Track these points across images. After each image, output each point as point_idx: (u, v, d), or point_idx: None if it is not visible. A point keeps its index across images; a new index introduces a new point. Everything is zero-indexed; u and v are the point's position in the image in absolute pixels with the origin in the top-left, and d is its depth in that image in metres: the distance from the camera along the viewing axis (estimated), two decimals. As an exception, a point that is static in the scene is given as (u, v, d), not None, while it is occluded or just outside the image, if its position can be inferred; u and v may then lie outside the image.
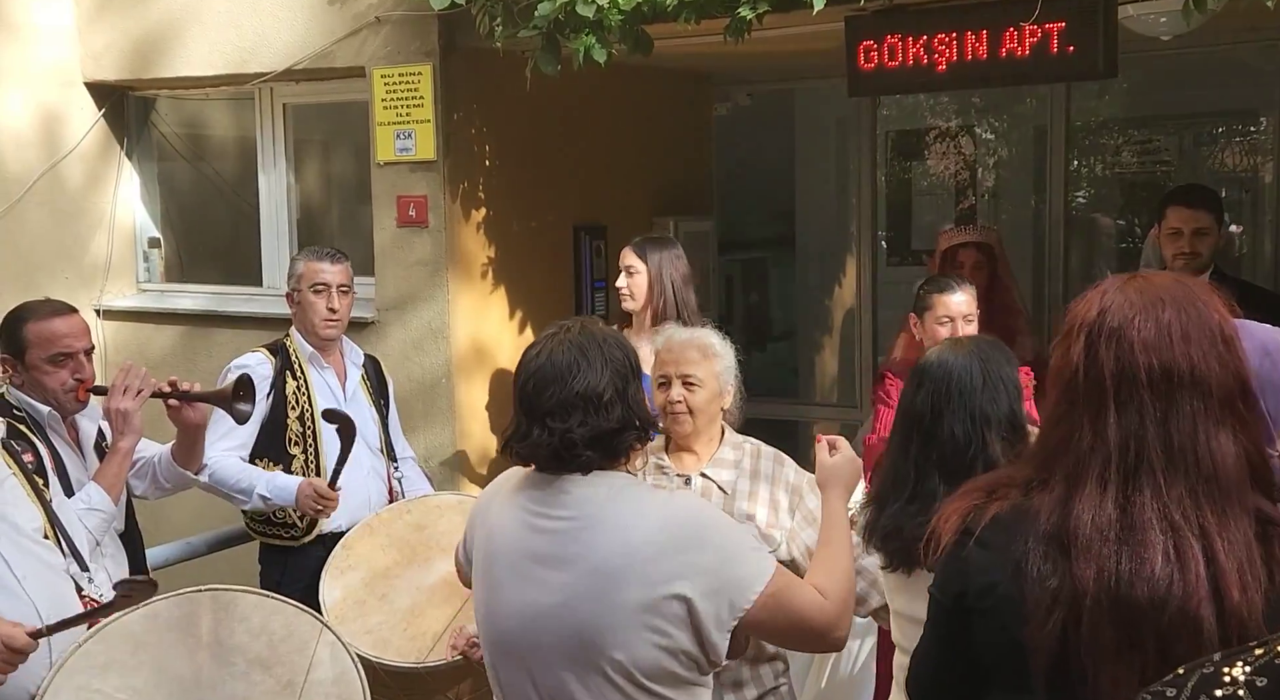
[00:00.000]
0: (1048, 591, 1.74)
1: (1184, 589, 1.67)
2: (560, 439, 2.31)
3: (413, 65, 5.06)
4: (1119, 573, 1.71)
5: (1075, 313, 1.85)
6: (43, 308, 3.47)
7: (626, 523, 2.31)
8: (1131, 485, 1.74)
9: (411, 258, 5.16)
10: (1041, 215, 6.39)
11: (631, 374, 2.38)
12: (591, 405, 2.31)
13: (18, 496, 2.88)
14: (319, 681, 2.80)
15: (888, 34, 4.19)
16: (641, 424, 2.38)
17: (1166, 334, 1.76)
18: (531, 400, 2.35)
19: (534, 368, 2.37)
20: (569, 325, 2.44)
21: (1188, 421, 1.74)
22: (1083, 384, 1.79)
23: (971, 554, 1.85)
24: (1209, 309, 1.79)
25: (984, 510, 1.85)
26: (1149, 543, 1.70)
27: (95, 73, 5.99)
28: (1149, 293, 1.80)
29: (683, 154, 6.36)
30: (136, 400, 3.39)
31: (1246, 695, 1.27)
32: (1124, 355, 1.76)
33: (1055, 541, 1.76)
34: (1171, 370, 1.74)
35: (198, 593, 2.87)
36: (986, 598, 1.82)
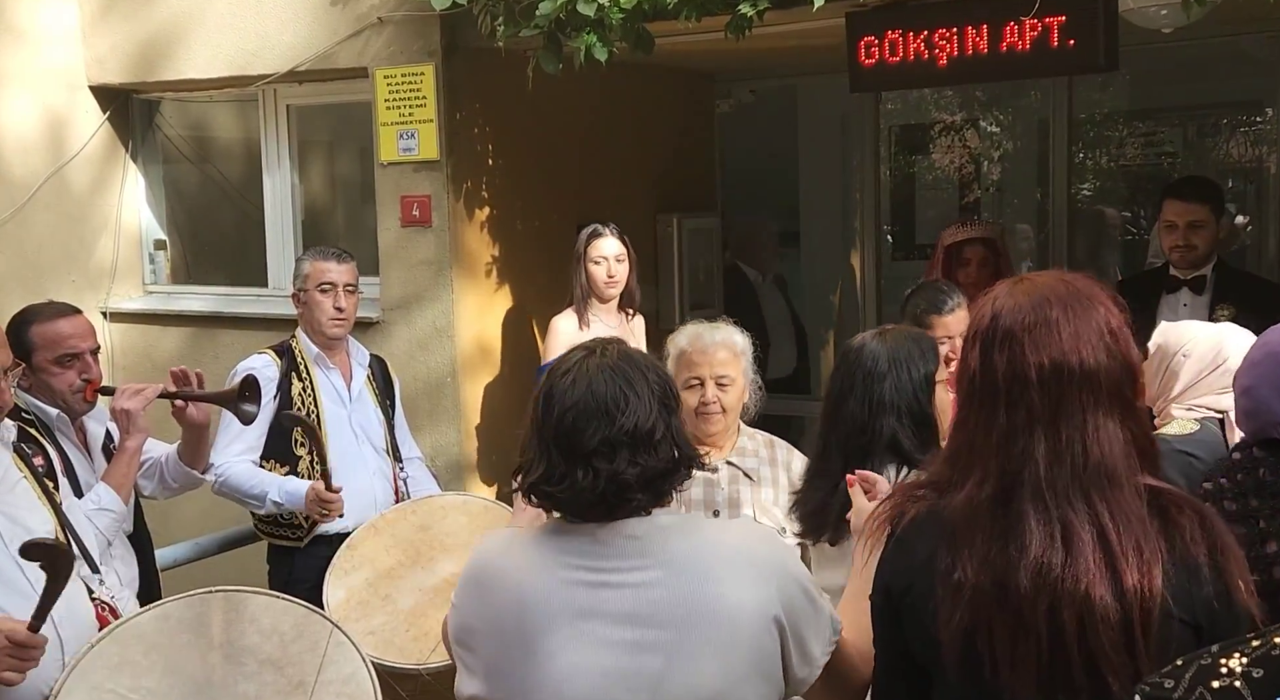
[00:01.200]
0: (950, 586, 1.81)
1: (1073, 574, 1.73)
2: (610, 482, 2.01)
3: (415, 65, 5.08)
4: (1005, 562, 1.77)
5: (972, 320, 1.93)
6: (47, 310, 3.48)
7: (711, 562, 2.03)
8: (1013, 481, 1.80)
9: (416, 257, 5.17)
10: (1046, 208, 6.39)
11: (675, 404, 2.12)
12: (642, 444, 2.02)
13: (29, 500, 2.89)
14: (330, 681, 2.81)
15: (888, 29, 4.20)
16: (688, 461, 2.12)
17: (1056, 332, 1.81)
18: (570, 438, 2.03)
19: (571, 400, 2.05)
20: (603, 347, 2.14)
21: (1077, 414, 1.79)
22: (979, 387, 1.86)
23: (893, 554, 1.95)
24: (1095, 302, 1.84)
25: (905, 512, 1.93)
26: (1027, 532, 1.77)
27: (100, 76, 6.00)
28: (1036, 293, 1.86)
29: (686, 151, 6.37)
30: (140, 399, 3.41)
31: (1243, 686, 1.28)
32: (1015, 357, 1.82)
33: (952, 539, 1.83)
34: (1062, 367, 1.80)
35: (209, 594, 2.89)
36: (907, 596, 1.89)
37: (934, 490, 1.92)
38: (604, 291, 4.84)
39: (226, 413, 3.78)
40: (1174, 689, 1.32)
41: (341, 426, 4.23)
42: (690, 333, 3.43)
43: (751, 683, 2.01)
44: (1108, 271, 6.81)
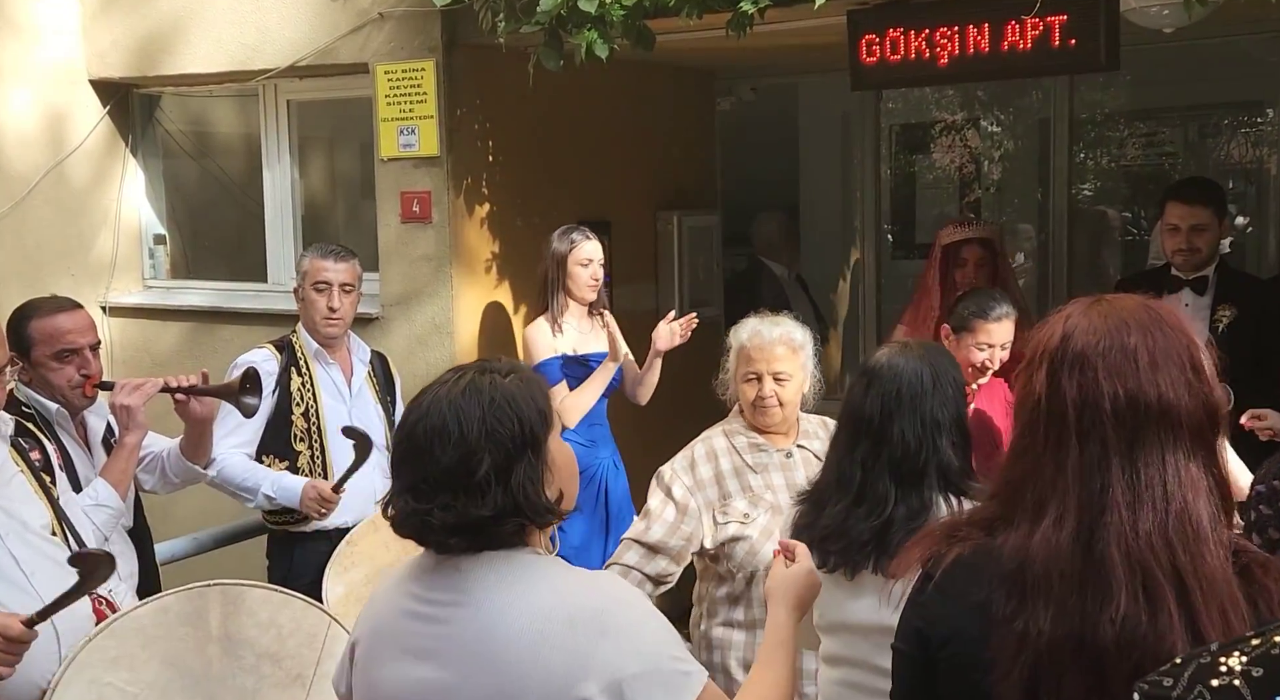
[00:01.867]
0: (1013, 635, 1.65)
1: (1154, 631, 1.58)
2: (420, 521, 1.91)
3: (416, 61, 5.07)
4: (1083, 614, 1.62)
5: (1038, 339, 1.76)
6: (46, 304, 3.48)
7: (522, 610, 1.88)
8: (1094, 522, 1.64)
9: (415, 253, 5.17)
10: (1046, 208, 6.39)
11: (523, 448, 1.91)
12: (460, 487, 1.88)
13: (25, 494, 2.89)
14: (328, 674, 2.80)
15: (889, 28, 4.19)
16: (524, 513, 1.91)
17: (1133, 360, 1.66)
18: (398, 466, 1.96)
19: (407, 427, 1.95)
20: (463, 373, 1.99)
21: (1155, 454, 1.64)
22: (1045, 415, 1.70)
23: (931, 600, 1.76)
24: (1177, 334, 1.70)
25: (945, 554, 1.75)
26: (1112, 582, 1.61)
27: (100, 70, 6.00)
28: (1114, 317, 1.70)
29: (686, 149, 6.37)
30: (139, 394, 3.41)
31: (1243, 685, 1.28)
32: (1087, 384, 1.67)
33: (1018, 583, 1.66)
34: (1138, 399, 1.65)
35: (207, 587, 2.89)
36: (949, 645, 1.73)
37: (981, 529, 1.75)
38: (587, 295, 4.84)
39: (224, 405, 3.78)
40: (1173, 687, 1.31)
41: (341, 422, 4.21)
42: (750, 328, 3.49)
43: None
44: (1107, 272, 6.81)
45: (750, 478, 3.42)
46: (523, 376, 2.02)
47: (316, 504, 4.01)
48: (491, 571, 1.92)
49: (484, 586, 1.91)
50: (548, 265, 4.83)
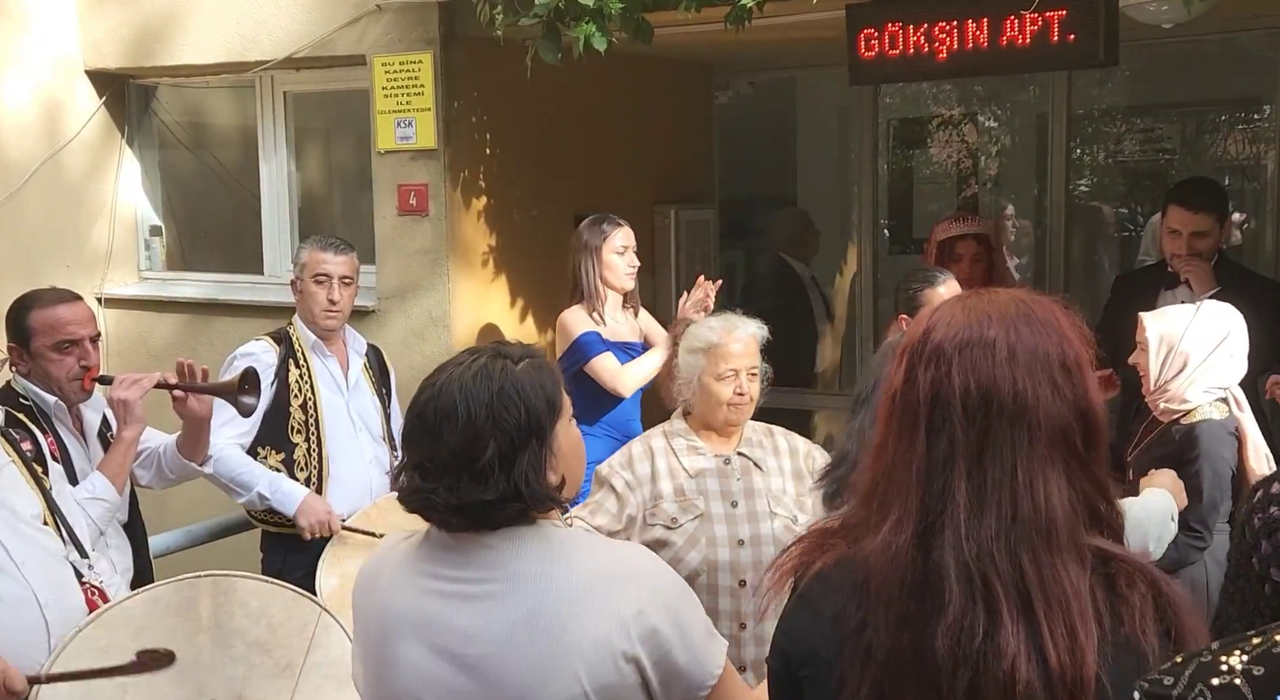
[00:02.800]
0: (860, 647, 1.54)
1: (994, 648, 1.48)
2: (424, 499, 1.95)
3: (413, 53, 5.07)
4: (917, 623, 1.51)
5: (906, 333, 1.69)
6: (47, 295, 3.46)
7: (561, 577, 1.92)
8: (933, 524, 1.53)
9: (412, 246, 5.16)
10: (1043, 204, 6.39)
11: (528, 436, 1.94)
12: (465, 470, 1.91)
13: (17, 483, 2.89)
14: (318, 664, 2.81)
15: (888, 22, 4.19)
16: (527, 499, 1.94)
17: (990, 354, 1.55)
18: (407, 444, 2.02)
19: (420, 405, 1.99)
20: (477, 356, 2.01)
21: (1006, 457, 1.53)
22: (899, 409, 1.60)
23: (793, 614, 1.67)
24: (1048, 330, 1.58)
25: (810, 565, 1.65)
26: (946, 591, 1.50)
27: (96, 61, 5.99)
28: (979, 310, 1.60)
29: (684, 142, 6.36)
30: (137, 389, 3.39)
31: (1243, 683, 1.27)
32: (940, 377, 1.56)
33: (865, 589, 1.56)
34: (990, 395, 1.54)
35: (198, 578, 2.89)
36: (808, 665, 1.62)
37: (844, 537, 1.64)
38: (626, 282, 4.71)
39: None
40: (1173, 686, 1.30)
41: (339, 414, 4.23)
42: (721, 325, 3.45)
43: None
44: (1104, 267, 6.81)
45: (684, 482, 3.37)
46: (536, 363, 2.03)
47: (319, 527, 3.98)
48: (524, 545, 1.95)
49: (513, 557, 1.94)
50: (579, 259, 4.68)
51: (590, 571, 1.93)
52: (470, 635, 1.93)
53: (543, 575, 1.92)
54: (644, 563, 2.00)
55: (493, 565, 1.94)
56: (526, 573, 1.93)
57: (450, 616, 1.95)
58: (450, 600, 1.96)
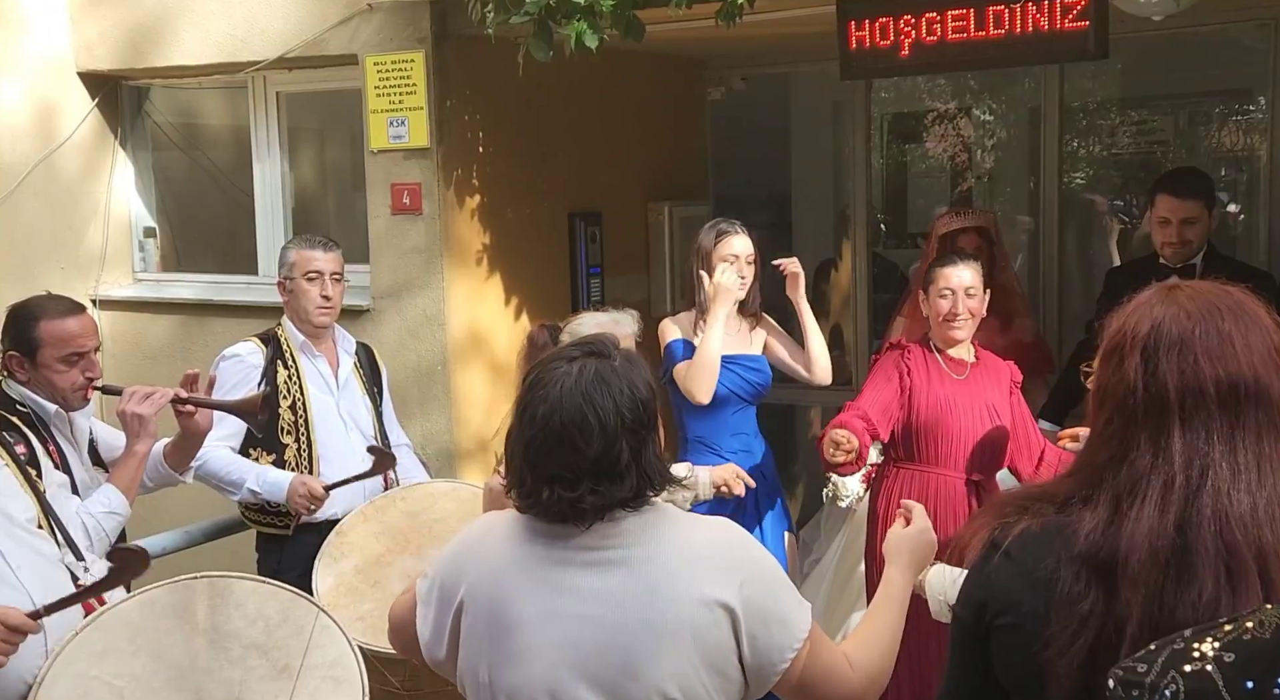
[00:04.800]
0: (1076, 615, 1.64)
1: (1234, 612, 1.54)
2: (570, 507, 2.04)
3: (405, 52, 5.06)
4: (1163, 597, 1.61)
5: (1121, 328, 1.75)
6: (54, 306, 3.43)
7: (673, 552, 2.06)
8: (1191, 506, 1.63)
9: (406, 245, 5.16)
10: (1037, 197, 6.39)
11: (648, 427, 2.07)
12: (605, 474, 2.02)
13: (10, 487, 2.89)
14: (315, 666, 2.82)
15: (879, 16, 4.19)
16: (656, 486, 2.09)
17: (1230, 345, 1.67)
18: (536, 460, 2.06)
19: (541, 420, 2.05)
20: (582, 359, 2.09)
21: (1253, 436, 1.65)
22: (1142, 400, 1.69)
23: (996, 569, 1.76)
24: (1261, 318, 1.71)
25: (1014, 525, 1.75)
26: (1201, 565, 1.61)
27: (88, 62, 5.98)
28: (1201, 302, 1.71)
29: (677, 139, 6.36)
30: (152, 405, 3.39)
31: (1214, 670, 1.29)
32: (1188, 368, 1.67)
33: (1093, 563, 1.65)
34: (1238, 383, 1.66)
35: (194, 580, 2.89)
36: (1008, 614, 1.73)
37: (1052, 504, 1.75)
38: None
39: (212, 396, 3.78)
40: (1147, 673, 1.33)
41: (329, 414, 4.22)
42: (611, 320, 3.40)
43: (698, 673, 2.01)
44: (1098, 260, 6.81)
45: None
46: (628, 356, 2.14)
47: (305, 500, 4.00)
48: (644, 518, 2.08)
49: (634, 530, 2.07)
50: (693, 261, 4.44)
51: (698, 542, 2.07)
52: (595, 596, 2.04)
53: (659, 544, 2.05)
54: (743, 535, 2.16)
55: (615, 535, 2.06)
56: (646, 540, 2.06)
57: (575, 580, 2.06)
58: (570, 568, 2.06)
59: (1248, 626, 1.32)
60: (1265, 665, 1.29)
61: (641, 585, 2.03)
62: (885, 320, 6.32)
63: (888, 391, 4.15)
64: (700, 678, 2.01)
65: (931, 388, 4.15)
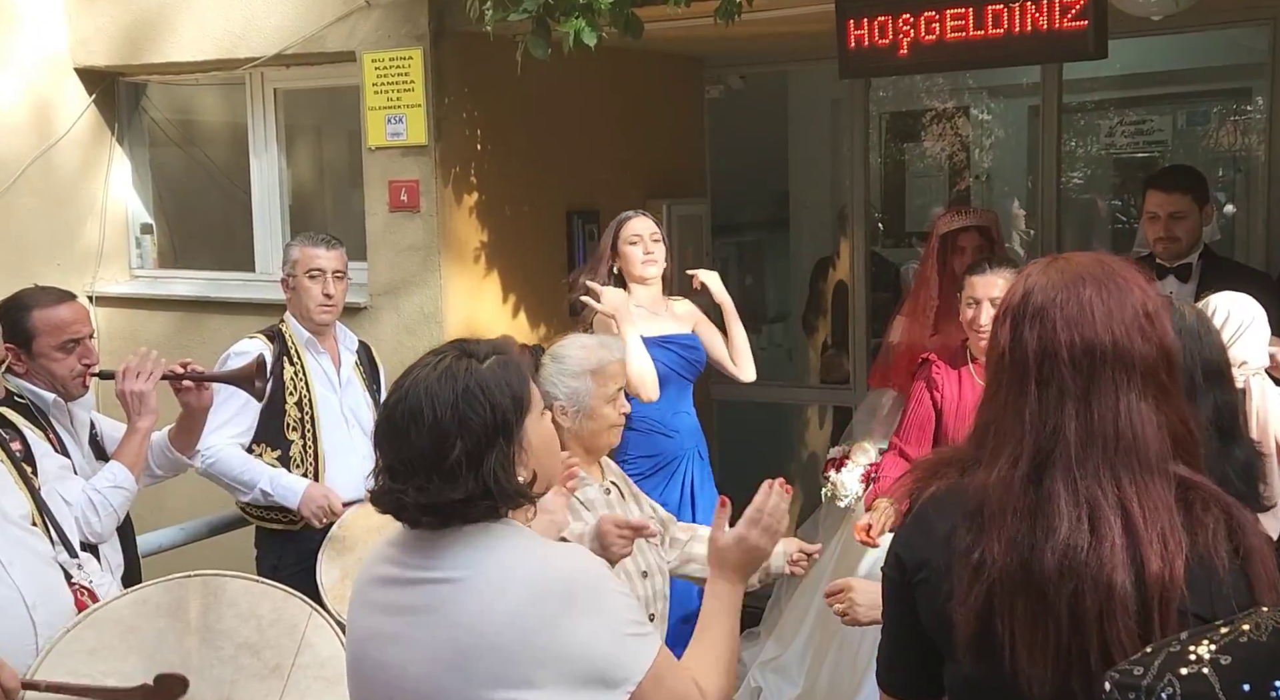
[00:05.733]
0: (969, 565, 1.78)
1: (1097, 558, 1.70)
2: (395, 500, 2.01)
3: (403, 49, 5.05)
4: (1029, 543, 1.74)
5: (1005, 296, 1.90)
6: (44, 296, 3.47)
7: (493, 578, 1.96)
8: (1045, 461, 1.77)
9: (404, 242, 5.15)
10: (1035, 196, 6.38)
11: (494, 434, 1.98)
12: (434, 470, 1.95)
13: (5, 484, 2.89)
14: (306, 665, 2.80)
15: (878, 15, 4.17)
16: (496, 497, 1.98)
17: (1089, 311, 1.79)
18: (378, 445, 2.05)
19: (388, 408, 2.03)
20: (442, 356, 2.05)
21: (1110, 396, 1.77)
22: (1008, 364, 1.83)
23: (910, 529, 1.93)
24: (1130, 285, 1.82)
25: (926, 488, 1.91)
26: (1056, 513, 1.73)
27: (85, 58, 5.97)
28: (1069, 272, 1.84)
29: (675, 137, 6.35)
30: (149, 380, 3.43)
31: (1211, 673, 1.29)
32: (1046, 334, 1.80)
33: (976, 517, 1.80)
34: (1094, 346, 1.77)
35: (187, 578, 2.88)
36: (921, 570, 1.87)
37: (956, 468, 1.89)
38: (643, 271, 4.54)
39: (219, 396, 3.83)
40: (1143, 676, 1.33)
41: (332, 411, 4.24)
42: (596, 344, 3.33)
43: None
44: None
45: (585, 515, 3.12)
46: (501, 360, 2.05)
47: (322, 511, 4.00)
48: (467, 544, 1.99)
49: (456, 556, 1.99)
50: (605, 250, 4.63)
51: (522, 575, 1.97)
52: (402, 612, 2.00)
53: (476, 573, 1.96)
54: (578, 570, 2.02)
55: (434, 556, 2.00)
56: (461, 568, 1.97)
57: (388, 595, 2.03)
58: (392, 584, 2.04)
59: (1244, 629, 1.32)
60: (1262, 668, 1.29)
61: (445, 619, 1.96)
62: (882, 319, 6.32)
63: (922, 412, 4.22)
64: None
65: (962, 399, 4.11)
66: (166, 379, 3.53)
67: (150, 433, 3.49)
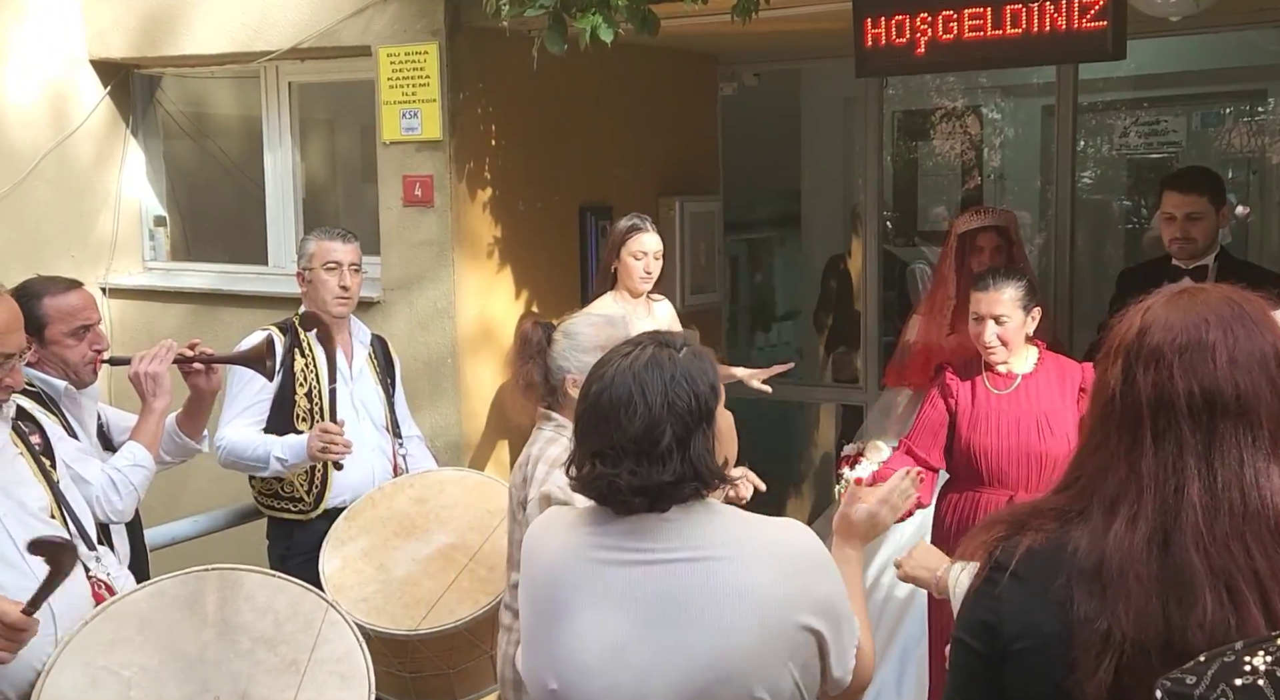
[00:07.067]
0: (1096, 634, 1.59)
1: (1243, 636, 1.49)
2: (608, 485, 2.08)
3: (419, 44, 5.05)
4: (1166, 618, 1.56)
5: (1116, 331, 1.71)
6: (53, 284, 3.49)
7: (738, 550, 2.08)
8: (1171, 523, 1.59)
9: (417, 237, 5.16)
10: (1048, 196, 6.37)
11: (700, 419, 2.08)
12: (645, 454, 2.05)
13: (25, 476, 2.90)
14: (323, 660, 2.81)
15: (896, 13, 4.17)
16: (703, 478, 2.09)
17: (1210, 357, 1.60)
18: (585, 433, 2.13)
19: (592, 397, 2.11)
20: (643, 344, 2.15)
21: (1233, 455, 1.58)
22: (1119, 410, 1.65)
23: (1007, 590, 1.68)
24: (1261, 329, 1.63)
25: (1017, 543, 1.69)
26: (1196, 585, 1.55)
27: (100, 50, 5.98)
28: (1193, 311, 1.64)
29: (689, 134, 6.35)
30: (162, 361, 3.48)
31: (1266, 684, 1.27)
32: (1163, 380, 1.61)
33: (1095, 579, 1.61)
34: (1215, 397, 1.59)
35: (205, 572, 2.89)
36: (1026, 638, 1.66)
37: (1052, 519, 1.68)
38: (638, 286, 4.81)
39: (230, 389, 3.88)
40: (1196, 685, 1.30)
41: (343, 403, 4.25)
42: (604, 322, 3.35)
43: (782, 670, 2.04)
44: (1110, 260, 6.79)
45: None
46: (694, 351, 2.16)
47: (319, 439, 3.98)
48: (703, 518, 2.10)
49: (694, 528, 2.08)
50: (607, 249, 4.87)
51: (774, 542, 2.09)
52: (657, 600, 2.05)
53: (731, 544, 2.06)
54: (815, 541, 2.15)
55: (674, 535, 2.07)
56: (713, 541, 2.06)
57: (633, 583, 2.07)
58: (633, 567, 2.08)
59: None
60: None
61: (698, 587, 2.04)
62: (891, 317, 6.32)
63: (933, 418, 4.20)
64: (790, 678, 2.06)
65: (975, 407, 4.10)
66: (177, 362, 3.58)
67: (165, 413, 3.53)
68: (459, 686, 3.74)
